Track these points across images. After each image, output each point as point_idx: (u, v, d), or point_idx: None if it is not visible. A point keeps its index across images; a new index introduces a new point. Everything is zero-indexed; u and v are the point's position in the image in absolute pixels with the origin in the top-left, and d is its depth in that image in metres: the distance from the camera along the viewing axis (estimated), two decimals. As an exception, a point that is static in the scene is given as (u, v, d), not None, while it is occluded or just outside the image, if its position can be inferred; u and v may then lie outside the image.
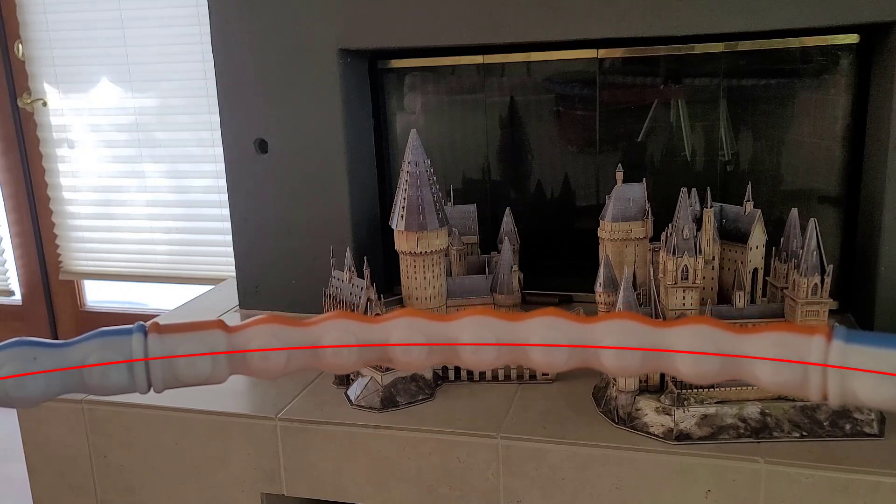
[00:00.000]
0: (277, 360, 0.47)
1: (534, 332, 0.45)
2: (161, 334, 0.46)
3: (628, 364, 0.44)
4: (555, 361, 0.45)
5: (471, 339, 0.45)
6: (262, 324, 0.48)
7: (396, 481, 1.05)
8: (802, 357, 0.41)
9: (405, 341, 0.46)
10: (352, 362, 0.47)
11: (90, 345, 0.46)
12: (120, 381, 0.46)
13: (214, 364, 0.47)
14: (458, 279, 1.25)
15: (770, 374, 0.42)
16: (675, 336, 0.44)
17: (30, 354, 0.45)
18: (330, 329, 0.47)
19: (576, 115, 1.45)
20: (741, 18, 1.19)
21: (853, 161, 1.33)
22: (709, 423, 0.97)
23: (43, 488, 1.22)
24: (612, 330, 0.45)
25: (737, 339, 0.43)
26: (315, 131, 1.41)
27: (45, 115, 2.58)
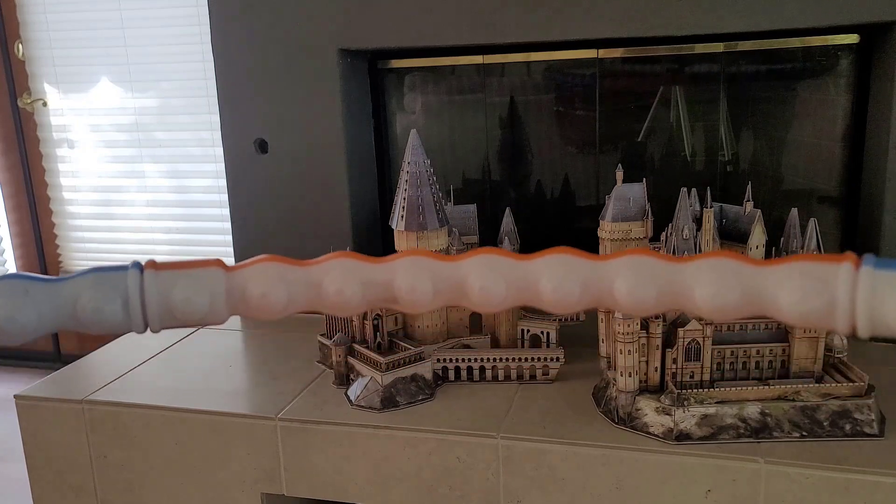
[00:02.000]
0: (278, 299, 0.44)
1: (544, 271, 0.43)
2: (157, 271, 0.44)
3: (643, 300, 0.41)
4: (567, 300, 0.42)
5: (479, 278, 0.43)
6: (263, 262, 0.45)
7: (396, 481, 1.05)
8: (829, 285, 0.38)
9: (411, 280, 0.44)
10: (355, 302, 0.44)
11: (84, 280, 0.44)
12: (114, 318, 0.44)
13: (213, 302, 0.44)
14: (458, 279, 1.25)
15: (794, 304, 0.39)
16: (692, 270, 0.41)
17: (21, 287, 0.43)
18: (333, 268, 0.45)
19: (576, 115, 1.45)
20: (741, 18, 1.19)
21: (853, 161, 1.33)
22: (709, 423, 0.97)
23: (43, 488, 1.22)
24: (627, 266, 0.42)
25: (758, 270, 0.40)
26: (315, 131, 1.41)
27: (45, 115, 2.58)
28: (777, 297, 0.40)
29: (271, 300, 0.44)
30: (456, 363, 1.16)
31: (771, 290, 0.40)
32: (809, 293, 0.39)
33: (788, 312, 0.40)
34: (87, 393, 1.19)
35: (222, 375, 1.25)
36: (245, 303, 0.45)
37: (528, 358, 1.16)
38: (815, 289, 0.39)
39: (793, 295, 0.39)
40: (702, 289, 0.41)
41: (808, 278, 0.39)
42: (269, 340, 1.40)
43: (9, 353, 2.92)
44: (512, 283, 0.43)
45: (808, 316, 0.39)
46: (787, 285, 0.39)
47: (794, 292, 0.39)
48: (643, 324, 1.00)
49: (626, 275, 0.42)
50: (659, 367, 1.02)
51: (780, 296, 0.40)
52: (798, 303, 0.39)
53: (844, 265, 0.38)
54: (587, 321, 1.23)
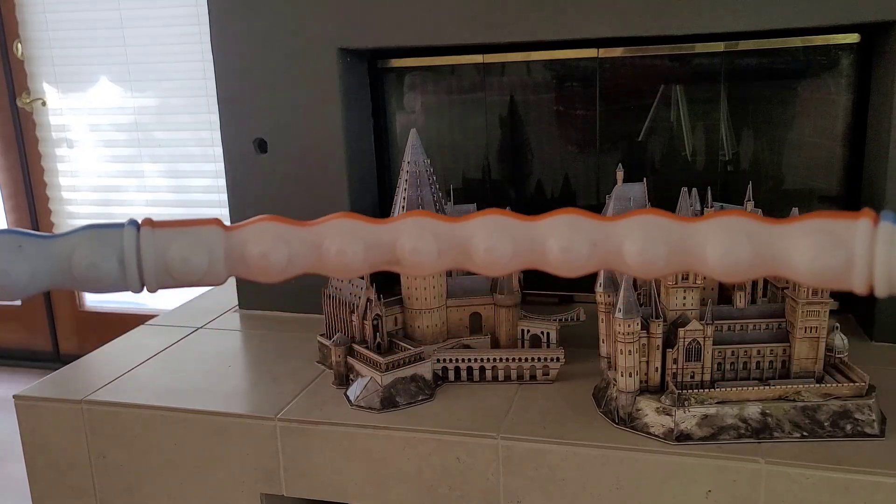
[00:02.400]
0: (278, 259, 0.43)
1: (552, 231, 0.41)
2: (154, 228, 0.43)
3: (653, 261, 0.40)
4: (575, 261, 0.41)
5: (484, 238, 0.42)
6: (263, 222, 0.44)
7: (396, 482, 1.05)
8: (846, 242, 0.37)
9: (414, 241, 0.42)
10: (356, 263, 0.43)
11: (79, 236, 0.43)
12: (110, 275, 0.42)
13: (211, 261, 0.43)
14: (458, 279, 1.25)
15: (808, 262, 0.37)
16: (703, 229, 0.40)
17: (14, 242, 0.42)
18: (334, 228, 0.44)
19: (576, 115, 1.45)
20: (741, 18, 1.18)
21: (854, 160, 1.32)
22: (709, 424, 0.97)
23: (42, 488, 1.22)
24: (636, 226, 0.41)
25: (772, 228, 0.39)
26: (315, 131, 1.41)
27: (45, 115, 2.58)
28: (791, 255, 0.38)
29: (271, 260, 0.43)
30: (456, 363, 1.16)
31: (785, 248, 0.39)
32: (825, 251, 0.37)
33: (803, 271, 0.38)
34: (86, 393, 1.19)
35: (222, 375, 1.25)
36: (244, 262, 0.44)
37: (528, 358, 1.15)
38: (830, 246, 0.37)
39: (807, 253, 0.38)
40: (713, 248, 0.39)
41: (823, 235, 0.38)
42: (269, 340, 1.39)
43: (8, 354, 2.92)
44: (519, 244, 0.42)
45: (823, 274, 0.38)
46: (801, 243, 0.38)
47: (809, 250, 0.38)
48: (643, 324, 1.00)
49: (635, 235, 0.40)
50: (659, 367, 1.02)
51: (795, 254, 0.38)
52: (813, 261, 0.38)
53: (862, 221, 0.37)
54: (587, 321, 1.23)
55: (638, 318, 0.99)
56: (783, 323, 1.04)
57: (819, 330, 1.00)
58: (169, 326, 1.48)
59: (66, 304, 2.80)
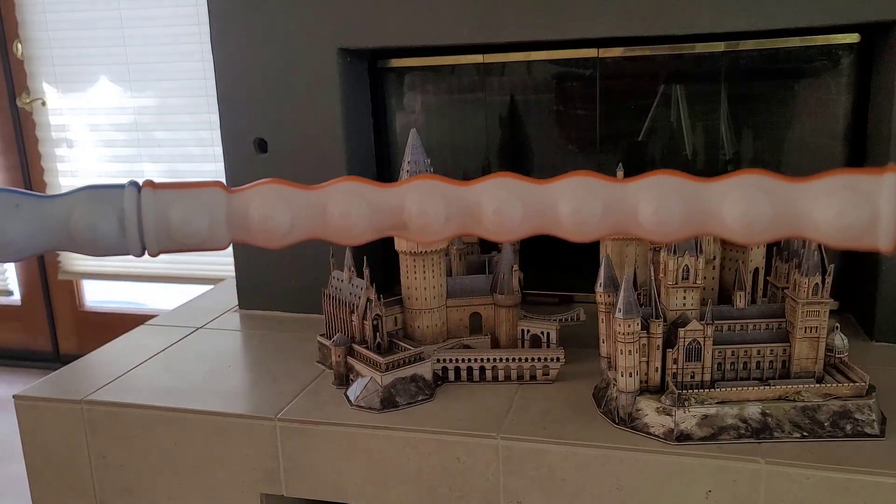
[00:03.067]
0: (281, 222, 0.42)
1: (563, 193, 0.40)
2: (155, 190, 0.42)
3: (668, 223, 0.39)
4: (586, 225, 0.40)
5: (493, 201, 0.40)
6: (266, 184, 0.43)
7: (396, 482, 1.05)
8: (871, 198, 0.35)
9: (421, 205, 0.41)
10: (361, 227, 0.42)
11: (78, 196, 0.42)
12: (110, 238, 0.42)
13: (212, 223, 0.42)
14: (458, 279, 1.25)
15: (832, 220, 0.36)
16: (721, 189, 0.38)
17: (12, 201, 0.41)
18: (339, 191, 0.42)
19: (576, 115, 1.45)
20: (741, 18, 1.18)
21: (854, 160, 1.32)
22: (709, 424, 0.97)
23: (42, 489, 1.22)
24: (651, 187, 0.39)
25: (792, 186, 0.38)
26: (314, 131, 1.41)
27: (45, 115, 2.58)
28: (813, 213, 0.37)
29: (274, 223, 0.42)
30: (456, 363, 1.16)
31: (806, 206, 0.37)
32: (848, 207, 0.36)
33: (825, 230, 0.37)
34: (86, 393, 1.19)
35: (222, 375, 1.25)
36: (246, 226, 0.43)
37: (529, 358, 1.15)
38: (854, 202, 0.36)
39: (831, 210, 0.36)
40: (731, 208, 0.38)
41: (847, 191, 0.36)
42: (269, 340, 1.39)
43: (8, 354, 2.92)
44: (529, 207, 0.40)
45: (846, 232, 0.36)
46: (823, 200, 0.36)
47: (832, 207, 0.36)
48: (644, 324, 1.00)
49: (650, 196, 0.39)
50: (659, 367, 1.02)
51: (817, 212, 0.37)
52: (836, 217, 0.36)
53: (888, 175, 0.36)
54: (587, 321, 1.23)
55: (638, 318, 0.99)
56: (783, 323, 1.04)
57: (819, 330, 1.00)
58: (169, 326, 1.48)
59: (66, 304, 2.80)
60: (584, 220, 0.40)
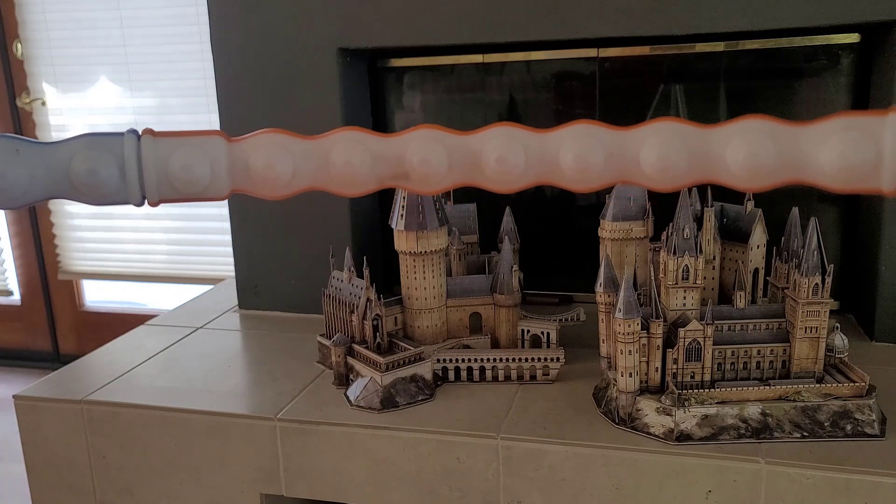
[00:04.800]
0: (283, 170, 0.42)
1: (565, 141, 0.40)
2: (156, 137, 0.42)
3: (672, 169, 0.38)
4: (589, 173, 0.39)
5: (495, 148, 0.40)
6: (267, 133, 0.43)
7: (396, 482, 1.05)
8: (875, 138, 0.35)
9: (424, 153, 0.41)
10: (363, 176, 0.42)
11: (78, 143, 0.42)
12: (110, 186, 0.41)
13: (214, 172, 0.42)
14: (458, 279, 1.25)
15: (836, 161, 0.36)
16: (724, 134, 0.38)
17: (12, 146, 0.41)
18: (341, 140, 0.42)
19: (576, 114, 1.45)
20: (741, 18, 1.18)
21: (854, 161, 1.32)
22: (709, 424, 0.97)
23: (42, 489, 1.22)
24: (654, 133, 0.39)
25: (796, 129, 0.37)
26: (314, 131, 1.40)
27: (45, 115, 2.58)
28: (817, 155, 0.37)
29: (276, 171, 0.42)
30: (456, 363, 1.16)
31: (810, 148, 0.37)
32: (852, 148, 0.36)
33: (830, 172, 0.36)
34: (86, 393, 1.19)
35: (222, 375, 1.25)
36: (248, 174, 0.42)
37: (529, 358, 1.15)
38: (858, 143, 0.36)
39: (834, 151, 0.36)
40: (735, 151, 0.38)
41: (851, 132, 0.36)
42: (269, 340, 1.39)
43: (8, 354, 2.92)
44: (531, 154, 0.40)
45: (850, 173, 0.36)
46: (827, 142, 0.36)
47: (836, 148, 0.36)
48: (644, 324, 1.00)
49: (653, 142, 0.39)
50: (659, 367, 1.02)
51: (820, 154, 0.36)
52: (840, 158, 0.36)
53: (892, 116, 0.36)
54: (587, 321, 1.23)
55: (638, 318, 0.99)
56: (783, 323, 1.04)
57: (819, 330, 1.00)
58: (169, 326, 1.48)
59: (66, 304, 2.80)
60: (587, 167, 0.40)
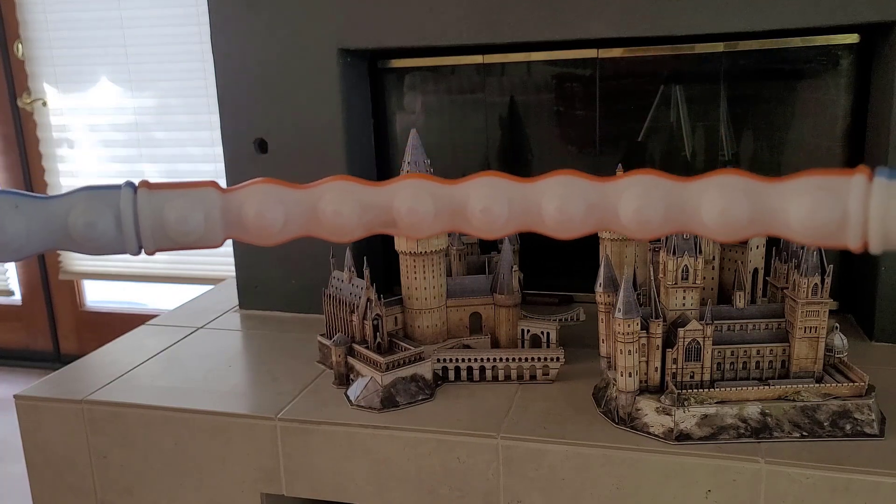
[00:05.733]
0: (274, 219, 0.43)
1: (547, 192, 0.42)
2: (151, 190, 0.43)
3: (649, 221, 0.40)
4: (570, 223, 0.41)
5: (480, 199, 0.42)
6: (259, 183, 0.44)
7: (396, 482, 1.05)
8: (841, 198, 0.37)
9: (410, 203, 0.43)
10: (352, 225, 0.43)
11: (76, 197, 0.43)
12: (107, 237, 0.43)
13: (208, 222, 0.43)
14: (458, 279, 1.25)
15: (803, 219, 0.37)
16: (699, 188, 0.40)
17: (11, 202, 0.42)
18: (330, 189, 0.44)
19: (576, 115, 1.45)
20: (741, 18, 1.18)
21: (853, 161, 1.32)
22: (709, 424, 0.97)
23: (42, 488, 1.22)
24: (632, 186, 0.41)
25: (767, 186, 0.39)
26: (315, 131, 1.41)
27: (45, 115, 2.58)
28: (786, 212, 0.38)
29: (268, 220, 0.44)
30: (456, 363, 1.16)
31: (780, 205, 0.39)
32: (820, 207, 0.37)
33: (799, 228, 0.38)
34: (86, 393, 1.19)
35: (222, 375, 1.25)
36: (241, 223, 0.44)
37: (528, 358, 1.15)
38: (825, 202, 0.37)
39: (803, 210, 0.38)
40: (710, 206, 0.39)
41: (818, 191, 0.38)
42: (269, 340, 1.39)
43: (8, 354, 2.92)
44: (514, 205, 0.42)
45: (818, 231, 0.38)
46: (796, 200, 0.38)
47: (805, 207, 0.38)
48: (643, 324, 1.00)
49: (631, 195, 0.41)
50: (659, 367, 1.02)
51: (790, 211, 0.38)
52: (808, 217, 0.38)
53: (857, 177, 0.37)
54: (587, 321, 1.23)
55: (638, 318, 0.99)
56: (783, 323, 1.04)
57: (819, 330, 1.00)
58: (169, 326, 1.48)
59: (66, 304, 2.80)
60: (567, 217, 0.42)
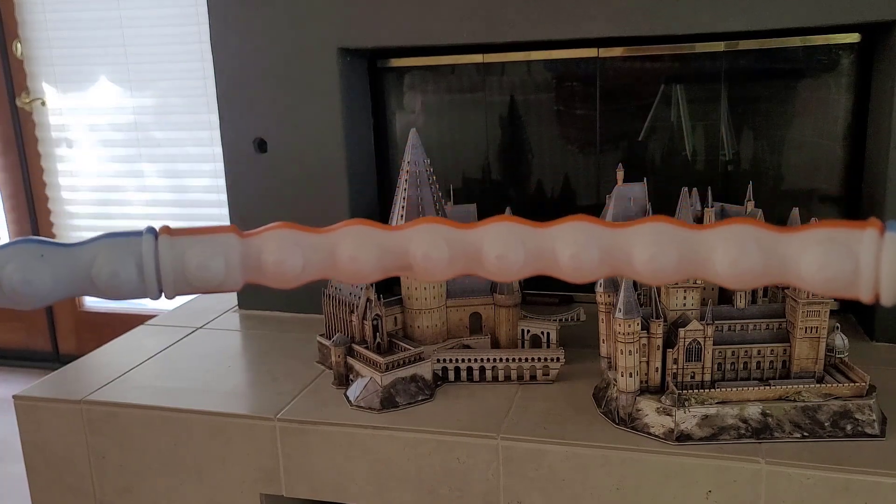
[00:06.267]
0: (293, 265, 0.45)
1: (561, 238, 0.42)
2: (172, 236, 0.44)
3: (663, 268, 0.41)
4: (584, 269, 0.42)
5: (495, 246, 0.43)
6: (278, 229, 0.46)
7: (396, 482, 1.05)
8: (853, 251, 0.38)
9: (426, 247, 0.43)
10: (369, 269, 0.44)
11: (98, 245, 0.44)
12: (129, 283, 0.44)
13: (227, 267, 0.45)
14: (458, 279, 1.25)
15: (816, 271, 0.38)
16: (713, 237, 0.41)
17: (36, 251, 0.43)
18: (347, 235, 0.45)
19: (576, 115, 1.45)
20: (741, 18, 1.18)
21: (854, 160, 1.32)
22: (709, 424, 0.97)
23: (41, 488, 1.22)
24: (646, 233, 0.41)
25: (780, 237, 0.40)
26: (314, 131, 1.40)
27: (44, 115, 2.58)
28: (799, 263, 0.39)
29: (287, 266, 0.45)
30: (456, 363, 1.16)
31: (793, 256, 0.39)
32: (832, 260, 0.38)
33: (810, 280, 0.39)
34: (85, 393, 1.19)
35: (221, 375, 1.25)
36: (260, 269, 0.45)
37: (529, 358, 1.15)
38: (838, 255, 0.38)
39: (815, 262, 0.38)
40: (723, 256, 0.40)
41: (831, 244, 0.38)
42: (269, 340, 1.39)
43: (8, 354, 2.92)
44: (529, 251, 0.43)
45: (830, 283, 0.38)
46: (809, 252, 0.39)
47: (817, 259, 0.38)
48: (644, 324, 1.00)
49: (645, 242, 0.41)
50: (660, 367, 1.02)
51: (802, 263, 0.39)
52: (820, 270, 0.38)
53: (869, 231, 0.38)
54: (587, 321, 1.23)
55: (638, 318, 0.99)
56: (783, 323, 1.04)
57: (819, 330, 1.00)
58: (169, 326, 1.48)
59: (66, 304, 2.80)
60: (582, 264, 0.42)
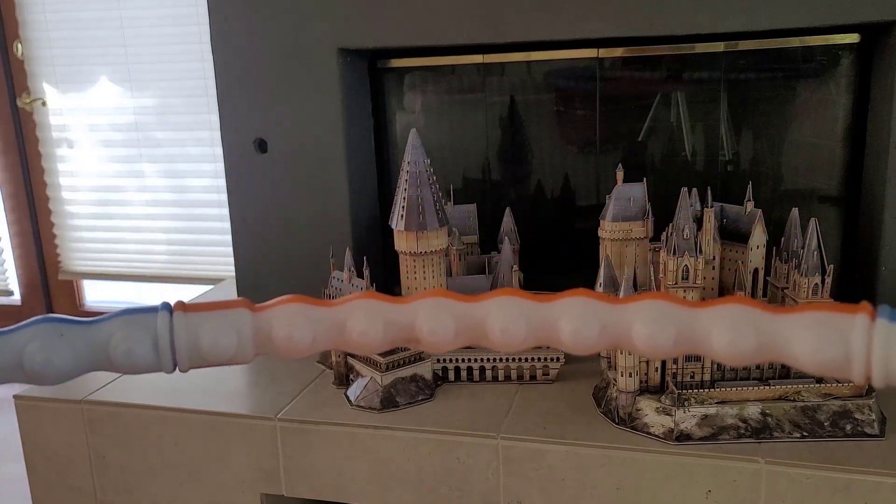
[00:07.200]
0: (303, 339, 0.46)
1: (563, 312, 0.44)
2: (186, 312, 0.46)
3: (661, 346, 0.43)
4: (585, 342, 0.44)
5: (499, 319, 0.44)
6: (288, 303, 0.47)
7: (396, 482, 1.05)
8: (845, 336, 0.39)
9: (432, 322, 0.45)
10: (377, 342, 0.46)
11: (115, 322, 0.46)
12: (145, 360, 0.45)
13: (240, 342, 0.46)
14: (458, 279, 1.25)
15: (810, 354, 0.40)
16: (710, 317, 0.42)
17: (56, 331, 0.45)
18: (356, 309, 0.46)
19: (576, 115, 1.45)
20: (741, 18, 1.18)
21: (854, 161, 1.32)
22: (709, 424, 0.97)
23: (42, 488, 1.22)
24: (644, 310, 0.43)
25: (775, 318, 0.41)
26: (314, 131, 1.41)
27: (45, 115, 2.58)
28: (793, 345, 0.41)
29: (296, 341, 0.46)
30: (456, 363, 1.16)
31: (786, 338, 0.41)
32: (825, 344, 0.40)
33: (804, 361, 0.40)
34: (86, 393, 1.19)
35: (222, 375, 1.25)
36: (271, 343, 0.47)
37: (529, 358, 1.15)
38: (830, 339, 0.40)
39: (808, 345, 0.40)
40: (719, 336, 0.42)
41: (823, 328, 0.40)
42: (269, 340, 1.39)
43: (8, 353, 2.91)
44: (532, 325, 0.44)
45: (824, 365, 0.40)
46: (802, 335, 0.40)
47: (810, 342, 0.40)
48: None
49: (644, 319, 0.43)
50: (659, 367, 1.02)
51: (796, 345, 0.41)
52: (814, 353, 0.40)
53: (860, 317, 0.39)
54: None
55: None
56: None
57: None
58: (169, 326, 1.48)
59: (66, 303, 2.80)
60: (582, 340, 0.44)
